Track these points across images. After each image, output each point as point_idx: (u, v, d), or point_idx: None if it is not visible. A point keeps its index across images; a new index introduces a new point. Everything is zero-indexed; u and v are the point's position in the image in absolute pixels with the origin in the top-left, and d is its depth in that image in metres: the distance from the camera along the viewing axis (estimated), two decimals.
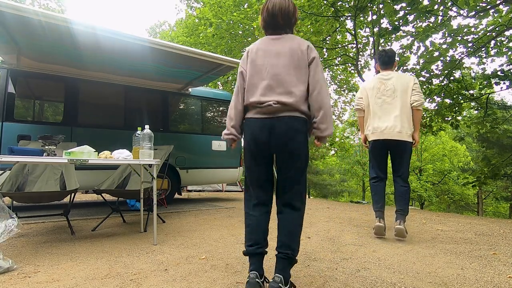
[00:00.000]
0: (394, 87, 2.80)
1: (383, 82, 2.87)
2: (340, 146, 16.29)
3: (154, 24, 27.25)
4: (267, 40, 1.66)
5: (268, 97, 1.55)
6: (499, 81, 6.44)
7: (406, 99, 2.77)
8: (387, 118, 2.77)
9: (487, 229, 3.46)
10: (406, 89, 2.78)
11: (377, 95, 2.87)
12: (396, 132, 2.73)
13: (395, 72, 2.94)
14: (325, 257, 2.25)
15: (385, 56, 2.95)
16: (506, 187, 16.21)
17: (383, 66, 2.98)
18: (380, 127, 2.80)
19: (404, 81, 2.81)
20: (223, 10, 11.20)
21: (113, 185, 3.53)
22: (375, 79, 2.95)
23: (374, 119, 2.87)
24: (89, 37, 3.09)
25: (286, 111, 1.53)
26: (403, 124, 2.72)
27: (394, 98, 2.78)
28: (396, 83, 2.81)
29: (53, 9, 12.28)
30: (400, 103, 2.76)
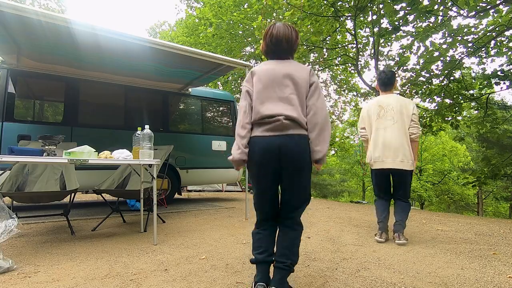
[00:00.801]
0: (393, 113, 2.80)
1: (383, 107, 2.86)
2: (340, 146, 16.28)
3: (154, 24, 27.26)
4: (273, 62, 1.68)
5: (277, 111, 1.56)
6: (499, 81, 6.44)
7: (405, 125, 2.77)
8: (389, 147, 2.76)
9: (487, 229, 3.46)
10: (405, 114, 2.78)
11: (377, 121, 2.86)
12: (398, 162, 2.74)
13: (394, 96, 2.93)
14: (325, 257, 2.25)
15: (385, 78, 2.94)
16: (506, 187, 16.20)
17: (382, 88, 2.97)
18: (381, 157, 2.80)
19: (403, 107, 2.80)
20: (223, 10, 11.21)
21: (113, 185, 3.53)
22: (374, 104, 2.94)
23: (376, 147, 2.85)
24: (89, 37, 3.09)
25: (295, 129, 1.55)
26: (405, 153, 2.73)
27: (393, 124, 2.78)
28: (396, 108, 2.80)
29: (53, 9, 12.28)
30: (401, 130, 2.76)
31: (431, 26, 6.18)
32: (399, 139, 2.74)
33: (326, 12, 7.51)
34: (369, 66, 11.20)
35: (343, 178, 25.97)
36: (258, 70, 1.67)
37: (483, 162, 7.78)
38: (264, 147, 1.56)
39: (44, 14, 2.64)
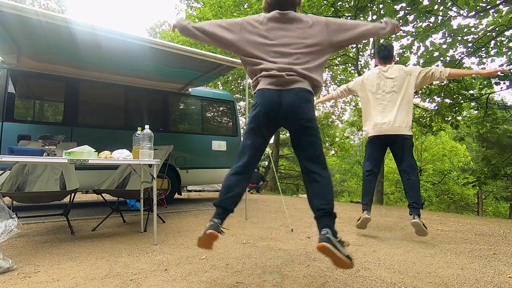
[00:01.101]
0: (394, 82, 2.78)
1: (382, 78, 2.85)
2: (340, 146, 16.29)
3: (154, 24, 27.24)
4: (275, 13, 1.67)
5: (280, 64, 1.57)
6: (499, 81, 6.44)
7: (406, 93, 2.75)
8: (387, 114, 2.75)
9: (487, 229, 3.46)
10: (407, 82, 2.76)
11: (377, 91, 2.85)
12: (396, 127, 2.71)
13: (395, 65, 2.90)
14: (325, 257, 2.25)
15: (384, 50, 2.93)
16: (506, 187, 16.20)
17: (381, 61, 2.96)
18: (379, 123, 2.78)
19: (405, 74, 2.78)
20: (223, 10, 11.20)
21: (113, 185, 3.53)
22: (374, 73, 2.91)
23: (374, 115, 2.84)
24: (89, 37, 3.09)
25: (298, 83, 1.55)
26: (403, 119, 2.71)
27: (393, 94, 2.77)
28: (396, 77, 2.79)
29: (53, 9, 12.28)
30: (400, 98, 2.74)
31: (431, 26, 6.19)
32: (397, 107, 2.73)
33: (326, 12, 7.51)
34: (369, 66, 11.20)
35: (343, 178, 25.97)
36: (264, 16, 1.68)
37: (483, 162, 7.79)
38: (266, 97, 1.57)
39: (44, 14, 2.64)
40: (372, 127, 2.85)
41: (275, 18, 1.66)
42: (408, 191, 2.74)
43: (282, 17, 1.66)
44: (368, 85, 2.93)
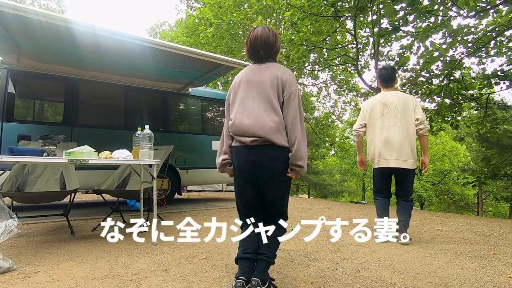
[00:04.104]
0: (397, 111, 2.79)
1: (386, 105, 2.85)
2: (340, 146, 16.27)
3: (154, 24, 27.24)
4: (250, 70, 1.71)
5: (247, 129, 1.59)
6: (499, 81, 6.43)
7: (408, 124, 2.76)
8: (392, 146, 2.76)
9: (487, 229, 3.46)
10: (408, 111, 2.78)
11: (380, 119, 2.85)
12: (401, 161, 2.74)
13: (396, 92, 2.92)
14: (325, 257, 2.25)
15: (386, 74, 2.94)
16: (506, 187, 16.19)
17: (384, 84, 2.96)
18: (385, 155, 2.80)
19: (406, 103, 2.80)
20: (223, 10, 11.21)
21: (113, 185, 3.53)
22: (377, 100, 2.93)
23: (379, 145, 2.84)
24: (89, 37, 3.09)
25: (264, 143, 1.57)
26: (408, 152, 2.74)
27: (396, 123, 2.78)
28: (398, 106, 2.80)
29: (53, 9, 12.28)
30: (404, 129, 2.76)
31: (431, 26, 6.18)
32: (402, 138, 2.75)
33: (326, 12, 7.51)
34: (369, 66, 11.21)
35: (343, 178, 25.93)
36: (236, 81, 1.72)
37: (483, 162, 7.79)
38: (238, 157, 1.65)
39: (44, 14, 2.64)
40: (378, 160, 2.87)
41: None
42: (400, 211, 2.81)
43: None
44: (372, 114, 2.94)
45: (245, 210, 1.73)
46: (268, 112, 1.58)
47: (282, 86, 1.60)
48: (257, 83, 1.63)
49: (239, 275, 1.55)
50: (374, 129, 2.90)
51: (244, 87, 1.66)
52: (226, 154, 1.73)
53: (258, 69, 1.68)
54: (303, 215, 4.23)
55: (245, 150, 1.61)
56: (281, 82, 1.60)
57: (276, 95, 1.59)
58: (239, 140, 1.63)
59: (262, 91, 1.61)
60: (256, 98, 1.61)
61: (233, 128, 1.64)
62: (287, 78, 1.61)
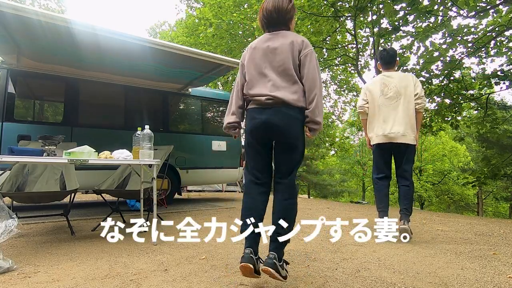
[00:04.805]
0: (397, 89, 2.82)
1: (386, 84, 2.87)
2: (340, 146, 16.28)
3: (154, 24, 27.26)
4: (264, 37, 1.75)
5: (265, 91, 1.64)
6: (499, 81, 6.43)
7: (408, 101, 2.79)
8: (392, 121, 2.79)
9: (487, 229, 3.46)
10: (409, 90, 2.80)
11: (381, 98, 2.88)
12: (400, 135, 2.76)
13: (397, 72, 2.95)
14: (325, 257, 2.25)
15: (387, 55, 2.96)
16: (506, 187, 16.19)
17: (384, 66, 2.99)
18: (385, 131, 2.82)
19: (406, 82, 2.82)
20: (223, 10, 11.20)
21: (113, 185, 3.53)
22: (377, 80, 2.96)
23: (379, 122, 2.87)
24: (89, 37, 3.09)
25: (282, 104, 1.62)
26: (407, 127, 2.75)
27: (397, 100, 2.80)
28: (399, 85, 2.82)
29: (53, 9, 12.28)
30: (404, 106, 2.78)
31: (431, 26, 6.18)
32: (402, 115, 2.77)
33: (326, 12, 7.51)
34: (369, 66, 11.21)
35: (343, 178, 25.95)
36: (252, 46, 1.75)
37: (483, 162, 7.79)
38: (252, 119, 1.67)
39: (44, 14, 2.64)
40: (376, 135, 2.89)
41: None
42: (401, 198, 2.81)
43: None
44: (373, 92, 2.95)
45: (256, 172, 1.73)
46: (287, 85, 1.62)
47: (298, 47, 1.64)
48: (273, 50, 1.66)
49: (247, 246, 1.59)
50: (375, 108, 2.92)
51: (260, 54, 1.69)
52: (234, 115, 1.75)
53: (273, 36, 1.71)
54: (303, 215, 4.23)
55: (260, 111, 1.64)
56: (297, 44, 1.65)
57: (292, 59, 1.63)
58: (254, 99, 1.66)
59: (278, 59, 1.65)
60: (274, 67, 1.65)
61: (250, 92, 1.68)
62: (302, 40, 1.67)
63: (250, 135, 1.70)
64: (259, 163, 1.72)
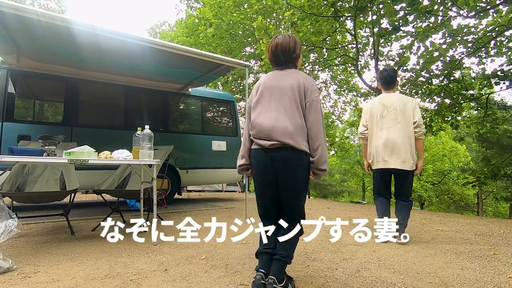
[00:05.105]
0: (396, 113, 2.80)
1: (386, 106, 2.86)
2: (340, 146, 16.27)
3: (154, 24, 27.23)
4: (272, 75, 1.78)
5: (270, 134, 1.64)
6: (499, 81, 6.42)
7: (408, 125, 2.77)
8: (392, 147, 2.77)
9: (487, 229, 3.46)
10: (408, 113, 2.79)
11: (380, 120, 2.86)
12: (400, 162, 2.75)
13: (396, 94, 2.93)
14: (325, 257, 2.25)
15: (387, 76, 2.94)
16: (506, 187, 16.18)
17: (384, 86, 2.97)
18: (384, 156, 2.81)
19: (406, 105, 2.80)
20: (223, 10, 11.20)
21: (113, 185, 3.53)
22: (377, 103, 2.94)
23: (378, 147, 2.85)
24: (89, 37, 3.09)
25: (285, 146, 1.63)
26: (407, 154, 2.75)
27: (396, 124, 2.79)
28: (398, 107, 2.80)
29: (53, 9, 12.28)
30: (404, 131, 2.77)
31: (431, 26, 6.18)
32: (401, 140, 2.76)
33: (326, 12, 7.50)
34: (369, 66, 11.19)
35: (343, 178, 25.95)
36: (257, 84, 1.79)
37: (483, 162, 7.79)
38: (257, 160, 1.71)
39: (44, 14, 2.64)
40: (377, 161, 2.87)
41: None
42: (398, 210, 2.83)
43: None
44: (372, 115, 2.94)
45: (265, 211, 1.79)
46: (289, 117, 1.63)
47: (304, 91, 1.66)
48: (279, 88, 1.69)
49: (259, 268, 1.64)
50: (374, 130, 2.91)
51: (266, 92, 1.73)
52: (244, 159, 1.80)
53: (280, 75, 1.75)
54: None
55: (264, 152, 1.67)
56: (304, 88, 1.66)
57: (298, 100, 1.65)
58: (258, 143, 1.69)
59: (284, 95, 1.67)
60: (278, 102, 1.67)
61: (254, 131, 1.70)
62: (309, 83, 1.68)
63: (255, 175, 1.76)
64: (265, 200, 1.78)
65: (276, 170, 1.64)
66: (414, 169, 2.80)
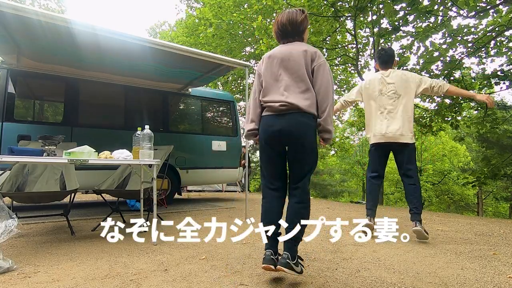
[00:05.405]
0: (396, 89, 2.78)
1: (384, 83, 2.84)
2: (340, 146, 16.28)
3: (154, 24, 27.24)
4: (279, 47, 1.84)
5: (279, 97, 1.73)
6: (499, 81, 6.43)
7: (407, 100, 2.76)
8: (389, 121, 2.77)
9: (487, 229, 3.46)
10: (409, 89, 2.77)
11: (379, 97, 2.85)
12: (398, 135, 2.73)
13: (396, 71, 2.90)
14: (325, 257, 2.25)
15: (385, 55, 2.92)
16: (506, 187, 16.18)
17: (382, 65, 2.94)
18: (382, 131, 2.80)
19: (406, 82, 2.79)
20: (223, 10, 11.20)
21: (113, 185, 3.53)
22: (376, 79, 2.91)
23: (376, 122, 2.85)
24: (89, 37, 3.09)
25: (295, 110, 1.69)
26: (405, 127, 2.73)
27: (395, 100, 2.78)
28: (398, 84, 2.79)
29: (53, 9, 12.28)
30: (402, 105, 2.76)
31: (431, 26, 6.18)
32: (399, 115, 2.74)
33: (326, 12, 7.51)
34: (369, 66, 11.20)
35: (343, 178, 25.95)
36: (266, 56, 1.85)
37: (483, 162, 7.78)
38: (267, 126, 1.76)
39: (44, 14, 2.64)
40: (374, 135, 2.86)
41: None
42: (409, 196, 2.78)
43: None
44: (370, 91, 2.92)
45: (271, 179, 1.81)
46: (298, 83, 1.70)
47: (311, 57, 1.73)
48: (287, 58, 1.75)
49: (267, 248, 1.70)
50: (372, 106, 2.90)
51: (275, 62, 1.78)
52: (254, 123, 1.83)
53: (287, 47, 1.80)
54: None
55: (274, 117, 1.72)
56: (310, 54, 1.73)
57: (305, 66, 1.72)
58: (268, 105, 1.75)
59: (292, 67, 1.73)
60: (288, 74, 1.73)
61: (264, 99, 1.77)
62: (315, 51, 1.75)
63: (264, 142, 1.79)
64: (273, 169, 1.80)
65: (286, 135, 1.69)
66: (413, 142, 2.77)
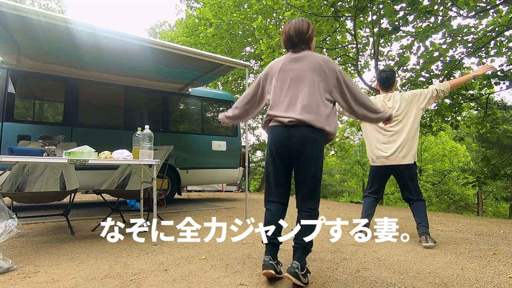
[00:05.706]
0: (396, 111, 2.77)
1: (385, 107, 2.82)
2: (340, 146, 16.27)
3: (154, 24, 27.21)
4: (288, 58, 1.84)
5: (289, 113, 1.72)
6: (499, 81, 6.43)
7: (411, 120, 2.75)
8: (391, 144, 2.76)
9: (487, 229, 3.46)
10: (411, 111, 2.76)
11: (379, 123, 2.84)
12: (400, 157, 2.73)
13: (395, 94, 2.90)
14: (325, 257, 2.25)
15: (385, 77, 2.91)
16: (506, 187, 16.17)
17: (383, 87, 2.94)
18: (384, 154, 2.78)
19: (406, 101, 2.78)
20: (223, 10, 11.20)
21: (113, 185, 3.53)
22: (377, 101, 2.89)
23: (378, 144, 2.83)
24: (89, 37, 3.09)
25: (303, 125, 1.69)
26: (407, 148, 2.72)
27: (396, 124, 2.77)
28: (398, 106, 2.78)
29: (53, 9, 12.27)
30: (403, 128, 2.75)
31: (431, 26, 6.18)
32: (401, 138, 2.74)
33: (326, 12, 7.51)
34: (369, 66, 11.20)
35: (343, 178, 25.94)
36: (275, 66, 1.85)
37: (483, 162, 7.77)
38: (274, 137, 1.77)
39: (44, 14, 2.64)
40: (377, 157, 2.85)
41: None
42: (415, 213, 2.77)
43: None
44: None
45: (276, 190, 1.81)
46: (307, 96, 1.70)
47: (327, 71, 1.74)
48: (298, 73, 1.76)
49: (267, 254, 1.70)
50: (373, 128, 2.89)
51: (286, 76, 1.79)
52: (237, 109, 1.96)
53: (297, 57, 1.81)
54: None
55: (282, 129, 1.72)
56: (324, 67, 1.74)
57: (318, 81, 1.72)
58: (276, 119, 1.75)
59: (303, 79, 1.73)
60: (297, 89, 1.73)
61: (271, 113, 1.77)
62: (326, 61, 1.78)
63: (270, 152, 1.79)
64: (277, 179, 1.80)
65: (294, 147, 1.69)
66: (414, 162, 2.75)
